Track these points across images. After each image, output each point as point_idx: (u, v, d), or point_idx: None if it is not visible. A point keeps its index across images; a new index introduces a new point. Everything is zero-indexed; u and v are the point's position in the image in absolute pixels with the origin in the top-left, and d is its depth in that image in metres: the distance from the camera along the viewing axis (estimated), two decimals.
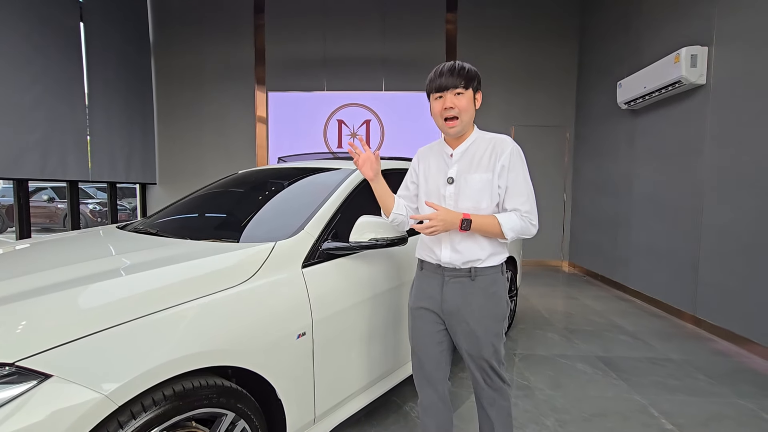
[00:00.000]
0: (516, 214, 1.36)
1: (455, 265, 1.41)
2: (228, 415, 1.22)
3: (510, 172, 1.37)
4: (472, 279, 1.40)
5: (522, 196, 1.37)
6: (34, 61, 3.90)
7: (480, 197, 1.38)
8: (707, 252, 3.42)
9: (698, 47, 3.48)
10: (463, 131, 1.42)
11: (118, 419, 0.99)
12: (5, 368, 0.89)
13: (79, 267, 1.32)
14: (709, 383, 2.50)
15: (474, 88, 1.39)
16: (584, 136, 5.79)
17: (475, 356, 1.43)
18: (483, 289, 1.40)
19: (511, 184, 1.37)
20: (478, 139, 1.43)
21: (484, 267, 1.40)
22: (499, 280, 1.44)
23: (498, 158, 1.37)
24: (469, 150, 1.42)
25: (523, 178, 1.38)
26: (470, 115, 1.39)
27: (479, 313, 1.39)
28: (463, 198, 1.39)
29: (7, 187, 10.20)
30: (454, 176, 1.41)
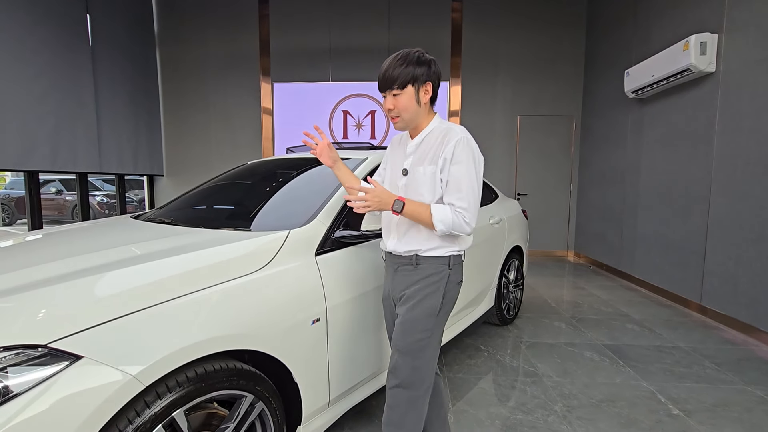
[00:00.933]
0: (450, 208, 1.31)
1: (400, 253, 1.41)
2: (247, 397, 1.25)
3: (452, 165, 1.31)
4: (414, 267, 1.38)
5: (460, 191, 1.30)
6: (41, 53, 3.92)
7: (424, 190, 1.35)
8: (714, 241, 3.42)
9: (708, 34, 3.44)
10: (408, 127, 1.41)
11: (145, 399, 1.03)
12: (38, 350, 0.93)
13: (102, 254, 1.36)
14: (717, 370, 2.52)
15: (416, 82, 1.32)
16: (591, 125, 5.75)
17: (395, 343, 1.39)
18: (425, 278, 1.37)
19: (452, 177, 1.31)
20: (435, 130, 1.39)
21: (427, 256, 1.37)
22: (442, 272, 1.38)
23: (444, 151, 1.32)
24: (424, 142, 1.39)
25: (465, 172, 1.30)
26: (412, 112, 1.35)
27: (411, 302, 1.37)
28: (411, 190, 1.38)
29: (16, 180, 10.29)
30: (408, 168, 1.40)
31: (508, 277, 3.18)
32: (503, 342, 2.94)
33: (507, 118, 6.08)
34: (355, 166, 1.98)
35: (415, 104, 1.35)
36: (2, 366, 0.89)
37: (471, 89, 5.99)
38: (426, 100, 1.37)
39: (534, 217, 5.76)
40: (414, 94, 1.34)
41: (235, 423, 1.24)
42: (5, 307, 1.02)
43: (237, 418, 1.24)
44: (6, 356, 0.91)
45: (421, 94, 1.35)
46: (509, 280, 3.20)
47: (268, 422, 1.34)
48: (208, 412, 1.23)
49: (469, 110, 6.01)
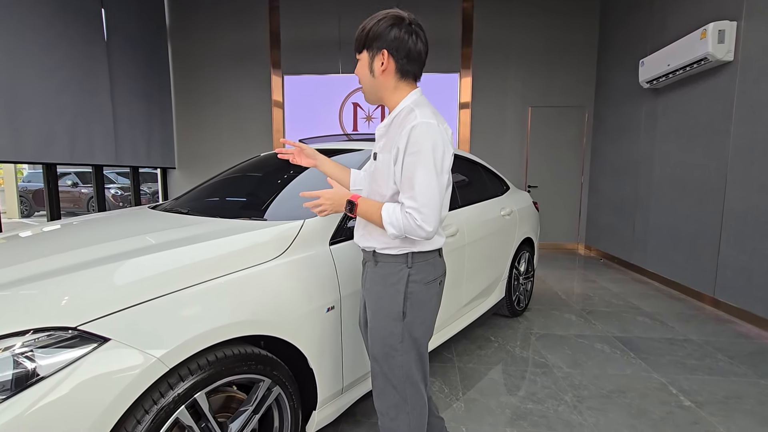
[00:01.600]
0: (400, 208, 1.12)
1: (362, 247, 1.30)
2: (265, 381, 1.29)
3: (405, 156, 1.10)
4: (375, 264, 1.26)
5: (412, 189, 1.09)
6: (58, 47, 3.98)
7: (381, 180, 1.19)
8: (729, 233, 3.37)
9: (726, 22, 3.36)
10: (372, 101, 1.24)
11: (168, 381, 1.07)
12: (68, 332, 0.97)
13: (126, 242, 1.40)
14: (730, 363, 2.51)
15: (371, 49, 1.15)
16: (604, 116, 5.68)
17: (370, 350, 1.29)
18: (383, 278, 1.24)
19: (405, 172, 1.11)
20: (402, 111, 1.17)
21: (384, 254, 1.23)
22: (401, 272, 1.21)
23: (399, 139, 1.11)
24: (393, 124, 1.19)
25: (419, 165, 1.08)
26: (366, 83, 1.19)
27: (374, 303, 1.25)
28: (372, 179, 1.25)
29: (33, 173, 10.51)
30: (378, 152, 1.24)
31: (519, 269, 3.18)
32: (513, 333, 2.95)
33: (518, 110, 6.02)
34: (367, 157, 2.00)
35: (367, 74, 1.18)
36: (34, 347, 0.94)
37: (481, 81, 5.94)
38: (383, 72, 1.16)
39: (545, 209, 5.73)
40: (366, 62, 1.17)
41: (253, 406, 1.28)
42: (37, 291, 1.06)
43: (255, 402, 1.28)
44: (39, 337, 0.95)
45: (375, 63, 1.16)
46: (520, 272, 3.20)
47: (284, 406, 1.38)
48: (228, 395, 1.27)
49: (479, 102, 5.97)
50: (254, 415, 1.28)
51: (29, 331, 0.95)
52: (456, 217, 2.31)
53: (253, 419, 1.28)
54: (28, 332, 0.95)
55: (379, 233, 1.21)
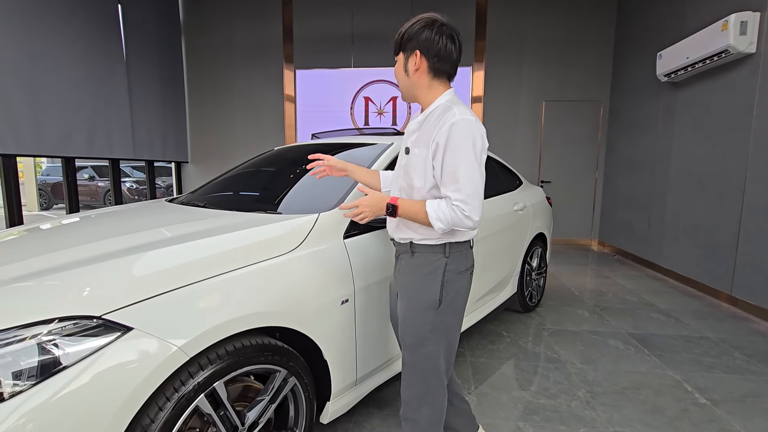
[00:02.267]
0: (446, 202, 1.17)
1: (397, 239, 1.34)
2: (281, 372, 1.31)
3: (446, 152, 1.15)
4: (411, 256, 1.29)
5: (456, 182, 1.14)
6: (76, 43, 4.05)
7: (414, 174, 1.24)
8: (748, 230, 3.30)
9: (749, 13, 3.27)
10: (407, 99, 1.30)
11: (189, 370, 1.09)
12: (93, 320, 1.00)
13: (146, 234, 1.43)
14: (747, 361, 2.47)
15: (406, 50, 1.22)
16: (620, 110, 5.58)
17: (402, 339, 1.31)
18: (419, 267, 1.27)
19: (445, 166, 1.16)
20: (435, 110, 1.24)
21: (421, 244, 1.26)
22: (438, 262, 1.25)
23: (436, 135, 1.17)
24: (426, 121, 1.25)
25: (461, 160, 1.14)
26: (405, 83, 1.25)
27: (410, 292, 1.28)
28: (406, 172, 1.28)
29: (52, 167, 10.73)
30: (410, 147, 1.28)
31: (531, 264, 3.17)
32: (525, 329, 2.95)
33: (531, 104, 5.95)
34: (381, 151, 2.00)
35: (402, 74, 1.25)
36: (59, 335, 0.97)
37: (495, 74, 5.88)
38: (416, 71, 1.22)
39: (558, 204, 5.66)
40: (403, 63, 1.25)
41: (269, 396, 1.30)
42: (62, 282, 1.09)
43: (271, 392, 1.31)
44: (64, 326, 0.98)
45: (409, 64, 1.23)
46: (532, 268, 3.18)
47: (300, 397, 1.40)
48: (245, 385, 1.30)
49: (492, 96, 5.91)
50: (270, 405, 1.31)
51: (55, 319, 0.98)
52: None
53: (270, 408, 1.31)
54: (53, 321, 0.98)
55: (419, 225, 1.24)
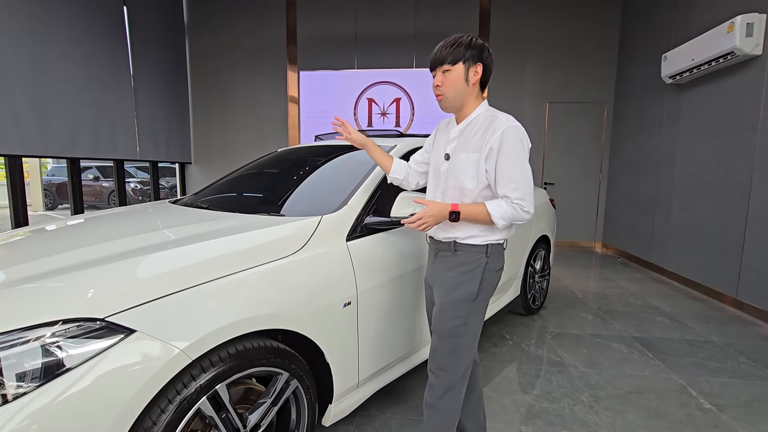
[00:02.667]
0: (506, 201, 1.30)
1: (439, 239, 1.44)
2: (283, 375, 1.31)
3: (500, 156, 1.28)
4: (452, 253, 1.40)
5: (512, 182, 1.29)
6: (82, 44, 4.08)
7: (465, 177, 1.34)
8: (754, 233, 3.28)
9: (755, 15, 3.25)
10: (451, 106, 1.39)
11: (191, 372, 1.09)
12: (96, 323, 1.00)
13: (149, 236, 1.44)
14: (753, 366, 2.45)
15: (467, 60, 1.32)
16: (624, 112, 5.55)
17: (437, 330, 1.41)
18: (461, 265, 1.38)
19: (501, 168, 1.29)
20: (480, 116, 1.37)
21: (466, 243, 1.38)
22: (479, 260, 1.37)
23: (489, 140, 1.30)
24: (468, 127, 1.38)
25: (515, 162, 1.28)
26: (457, 91, 1.34)
27: (446, 286, 1.40)
28: (451, 176, 1.38)
29: (57, 167, 10.80)
30: (451, 153, 1.40)
31: (534, 267, 3.15)
32: (528, 332, 2.93)
33: (535, 105, 5.93)
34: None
35: (463, 82, 1.34)
36: (63, 337, 0.97)
37: (498, 75, 5.86)
38: (475, 81, 1.35)
39: (561, 206, 5.64)
40: (464, 73, 1.33)
41: (271, 398, 1.30)
42: (66, 283, 1.10)
43: (273, 394, 1.31)
44: (68, 328, 0.98)
45: (470, 73, 1.34)
46: (535, 270, 3.17)
47: (301, 399, 1.40)
48: (247, 387, 1.30)
49: (495, 97, 5.89)
50: (272, 408, 1.31)
51: (59, 321, 0.98)
52: None
53: (271, 411, 1.31)
54: (57, 323, 0.98)
55: (462, 225, 1.36)
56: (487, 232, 1.37)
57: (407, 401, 2.04)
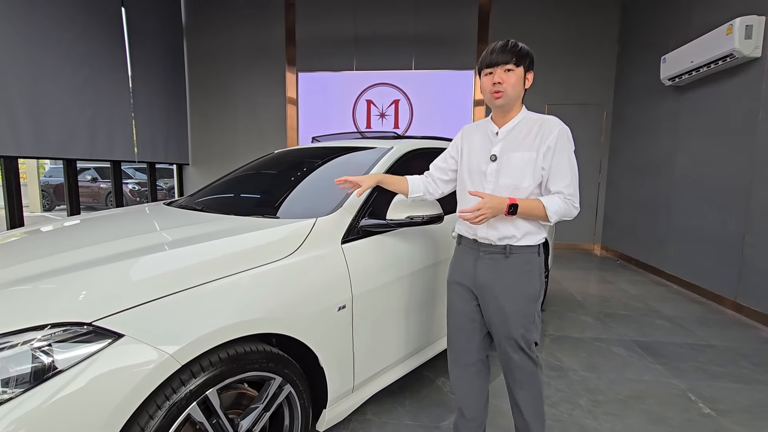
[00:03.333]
0: (559, 197, 1.35)
1: (491, 241, 1.42)
2: (276, 379, 1.29)
3: (556, 153, 1.35)
4: (506, 256, 1.40)
5: (566, 178, 1.36)
6: (79, 45, 4.06)
7: (521, 175, 1.37)
8: (754, 236, 3.26)
9: (755, 17, 3.24)
10: (509, 106, 1.41)
11: (181, 377, 1.07)
12: (83, 327, 0.98)
13: (140, 239, 1.42)
14: (754, 370, 2.42)
15: (525, 66, 1.38)
16: (623, 114, 5.54)
17: (504, 335, 1.44)
18: (516, 267, 1.40)
19: (556, 166, 1.36)
20: (525, 118, 1.42)
21: (520, 246, 1.39)
22: (533, 260, 1.42)
23: (544, 139, 1.36)
24: (515, 129, 1.41)
25: (567, 160, 1.36)
26: (517, 92, 1.38)
27: (510, 291, 1.40)
28: (504, 176, 1.39)
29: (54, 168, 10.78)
30: (498, 154, 1.41)
31: None
32: None
33: (535, 107, 5.85)
34: (382, 154, 1.99)
35: (521, 85, 1.38)
36: (50, 342, 0.95)
37: None
38: (527, 87, 1.41)
39: None
40: (522, 76, 1.38)
41: (264, 404, 1.28)
42: (53, 287, 1.07)
43: (266, 399, 1.28)
44: (54, 332, 0.96)
45: (526, 78, 1.39)
46: None
47: (294, 404, 1.38)
48: (239, 392, 1.27)
49: None
50: (265, 413, 1.28)
51: (46, 326, 0.96)
52: None
53: (264, 417, 1.28)
54: (44, 327, 0.96)
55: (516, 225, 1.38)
56: (538, 230, 1.41)
57: (404, 405, 2.01)
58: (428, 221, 1.67)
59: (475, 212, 1.29)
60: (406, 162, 2.06)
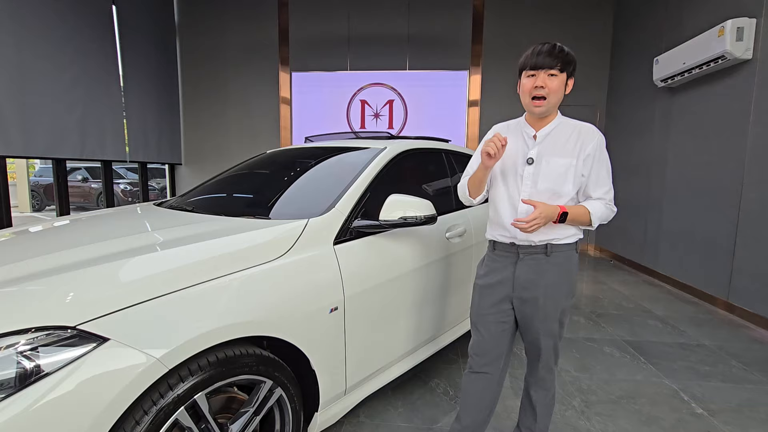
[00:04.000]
0: (601, 203, 1.41)
1: (531, 242, 1.42)
2: (266, 383, 1.27)
3: (596, 161, 1.39)
4: (547, 255, 1.41)
5: (607, 185, 1.42)
6: (69, 42, 4.00)
7: (562, 181, 1.39)
8: (745, 237, 3.29)
9: (745, 19, 3.27)
10: (548, 113, 1.41)
11: (168, 382, 1.05)
12: (67, 331, 0.95)
13: (127, 240, 1.39)
14: (744, 370, 2.44)
15: (569, 72, 1.38)
16: (616, 115, 5.58)
17: (542, 331, 1.45)
18: (557, 266, 1.42)
19: (596, 173, 1.40)
20: (562, 123, 1.43)
21: (560, 244, 1.42)
22: (573, 257, 1.45)
23: (584, 146, 1.38)
24: (553, 133, 1.41)
25: (606, 167, 1.42)
26: (558, 98, 1.38)
27: (552, 289, 1.41)
28: (543, 180, 1.39)
29: (44, 168, 10.65)
30: (534, 157, 1.41)
31: None
32: (519, 336, 2.90)
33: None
34: (375, 155, 1.98)
35: (562, 91, 1.38)
36: (34, 346, 0.93)
37: (491, 78, 5.87)
38: (567, 92, 1.41)
39: None
40: (564, 82, 1.38)
41: (254, 407, 1.26)
42: (36, 290, 1.05)
43: (256, 403, 1.26)
44: (37, 336, 0.94)
45: (568, 84, 1.40)
46: None
47: (286, 408, 1.36)
48: (229, 396, 1.26)
49: (489, 100, 5.90)
50: (255, 417, 1.27)
51: (29, 330, 0.94)
52: (463, 217, 2.28)
53: (254, 421, 1.27)
54: (27, 331, 0.94)
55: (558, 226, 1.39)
56: (577, 230, 1.45)
57: (397, 407, 2.00)
58: (422, 222, 1.66)
59: (531, 222, 1.31)
60: (400, 162, 2.05)
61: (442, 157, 2.46)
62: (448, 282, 2.12)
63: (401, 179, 2.07)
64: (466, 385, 1.58)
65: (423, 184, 2.26)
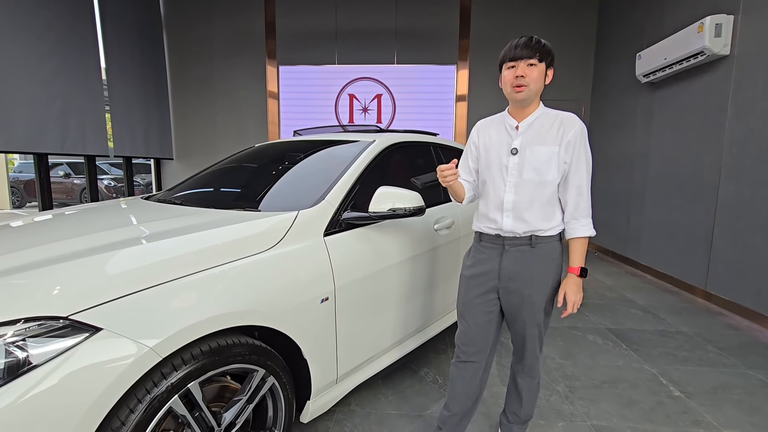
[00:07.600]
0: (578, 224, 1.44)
1: (516, 233, 1.44)
2: (259, 372, 1.29)
3: (577, 148, 1.41)
4: (532, 246, 1.44)
5: (587, 173, 1.44)
6: (46, 36, 3.89)
7: (546, 169, 1.40)
8: (722, 227, 3.40)
9: (724, 16, 3.36)
10: (529, 101, 1.42)
11: (161, 371, 1.06)
12: (60, 321, 0.96)
13: (117, 232, 1.39)
14: (719, 355, 2.54)
15: (548, 63, 1.40)
16: (600, 110, 5.68)
17: (528, 321, 1.47)
18: (542, 257, 1.44)
19: (579, 159, 1.41)
20: (544, 114, 1.45)
21: (545, 236, 1.44)
22: (557, 248, 1.47)
23: (566, 133, 1.40)
24: (535, 123, 1.43)
25: (585, 155, 1.43)
26: (538, 87, 1.40)
27: (537, 280, 1.44)
28: (528, 169, 1.41)
29: (24, 163, 10.38)
30: (518, 147, 1.43)
31: None
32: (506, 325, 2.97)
33: None
34: (363, 148, 1.99)
35: (542, 81, 1.40)
36: (25, 336, 0.93)
37: (478, 73, 5.91)
38: (547, 83, 1.43)
39: None
40: (543, 72, 1.40)
41: (246, 396, 1.28)
42: (29, 281, 1.05)
43: (249, 392, 1.28)
44: (29, 327, 0.94)
45: (548, 74, 1.42)
46: None
47: (278, 396, 1.38)
48: (222, 385, 1.27)
49: (476, 94, 5.94)
50: (248, 405, 1.29)
51: (20, 320, 0.94)
52: (451, 210, 2.31)
53: (247, 409, 1.29)
54: (18, 322, 0.94)
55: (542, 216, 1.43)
56: (561, 222, 1.48)
57: (387, 396, 2.04)
58: (411, 213, 1.69)
59: (573, 307, 1.42)
60: (388, 155, 2.07)
61: (431, 150, 2.49)
62: (436, 273, 2.16)
63: (390, 172, 2.10)
64: (453, 374, 1.61)
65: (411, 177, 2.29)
